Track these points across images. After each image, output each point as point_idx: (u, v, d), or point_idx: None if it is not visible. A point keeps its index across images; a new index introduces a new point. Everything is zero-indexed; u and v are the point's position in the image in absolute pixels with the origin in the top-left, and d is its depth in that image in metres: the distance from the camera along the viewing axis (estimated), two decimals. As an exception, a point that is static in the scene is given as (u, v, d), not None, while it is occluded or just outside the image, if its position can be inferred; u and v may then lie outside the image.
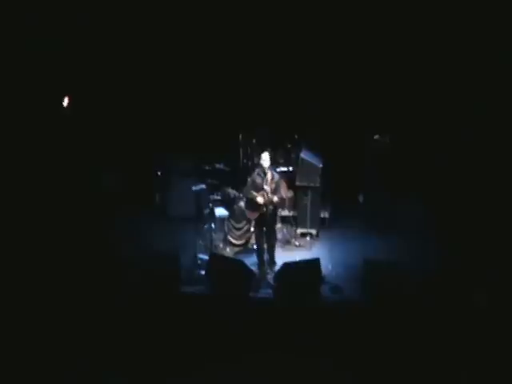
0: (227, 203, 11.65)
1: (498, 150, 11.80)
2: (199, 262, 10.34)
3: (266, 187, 10.07)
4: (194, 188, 11.36)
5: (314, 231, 11.85)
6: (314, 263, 9.61)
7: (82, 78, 12.91)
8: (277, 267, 10.10)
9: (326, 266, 10.08)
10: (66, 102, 12.76)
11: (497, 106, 11.91)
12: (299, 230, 11.87)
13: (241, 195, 11.44)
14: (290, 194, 11.65)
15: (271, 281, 9.87)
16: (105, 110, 13.20)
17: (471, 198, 11.65)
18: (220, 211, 11.33)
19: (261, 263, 10.38)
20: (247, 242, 11.25)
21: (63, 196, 11.93)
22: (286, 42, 13.05)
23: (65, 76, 12.71)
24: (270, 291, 9.62)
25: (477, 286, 9.10)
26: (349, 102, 13.17)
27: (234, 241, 11.23)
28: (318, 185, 11.71)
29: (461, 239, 10.91)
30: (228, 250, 11.18)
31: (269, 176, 10.14)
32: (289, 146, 12.83)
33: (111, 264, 9.95)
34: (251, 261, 10.42)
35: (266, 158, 10.17)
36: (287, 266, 9.60)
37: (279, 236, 11.28)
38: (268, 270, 10.26)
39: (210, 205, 11.36)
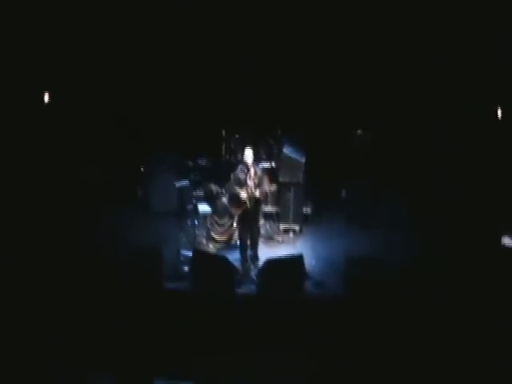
0: (210, 199, 11.61)
1: (484, 145, 11.94)
2: (182, 258, 10.29)
3: (249, 183, 10.06)
4: (177, 184, 11.35)
5: (296, 227, 11.86)
6: (298, 259, 9.62)
7: (65, 71, 12.85)
8: (260, 263, 10.09)
9: (309, 262, 10.10)
10: (46, 97, 12.69)
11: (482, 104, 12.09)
12: (282, 226, 11.87)
13: (223, 191, 11.42)
14: (273, 187, 11.60)
15: (254, 277, 9.87)
16: (88, 103, 13.13)
17: (456, 193, 11.76)
18: (203, 207, 11.28)
19: (244, 259, 10.35)
20: (230, 238, 11.21)
21: (44, 190, 11.84)
22: (270, 37, 13.06)
23: (47, 70, 12.64)
24: (253, 287, 9.63)
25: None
26: (332, 98, 13.21)
27: (216, 237, 11.19)
28: (300, 181, 11.73)
29: (443, 235, 11.01)
30: (211, 246, 11.14)
31: (252, 172, 10.14)
32: (271, 141, 12.82)
33: (94, 260, 9.89)
34: (234, 257, 10.39)
35: (249, 154, 10.18)
36: (270, 262, 9.61)
37: (262, 232, 11.26)
38: (251, 266, 10.24)
39: (193, 201, 11.33)
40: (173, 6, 12.97)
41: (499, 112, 12.00)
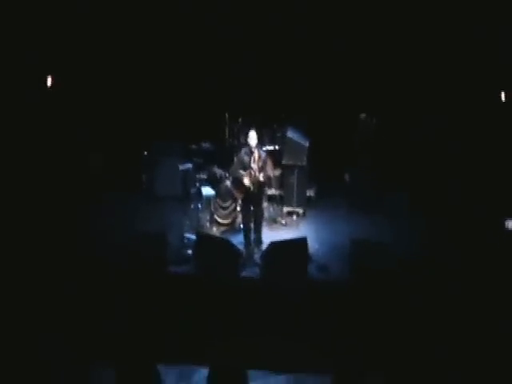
0: (214, 182, 11.60)
1: (485, 131, 11.95)
2: (186, 241, 10.32)
3: (253, 166, 10.04)
4: (180, 167, 11.34)
5: (300, 210, 11.87)
6: (301, 242, 9.60)
7: (69, 58, 12.84)
8: (264, 246, 10.10)
9: (312, 245, 10.10)
10: (49, 81, 12.66)
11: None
12: (286, 209, 11.88)
13: (227, 174, 11.43)
14: (277, 172, 11.68)
15: (258, 260, 9.88)
16: (90, 90, 13.12)
17: (457, 179, 11.77)
18: (207, 190, 11.28)
19: (247, 242, 10.37)
20: (234, 221, 11.23)
21: (48, 177, 11.86)
22: (272, 22, 13.02)
23: (51, 56, 12.62)
24: (257, 270, 9.64)
25: None
26: (336, 81, 13.19)
27: (220, 220, 11.21)
28: (304, 164, 11.70)
29: (446, 219, 11.03)
30: (215, 229, 11.15)
31: (256, 155, 10.11)
32: (275, 124, 12.79)
33: (98, 245, 9.91)
34: (238, 240, 10.40)
35: (253, 137, 10.11)
36: (274, 245, 9.57)
37: (266, 215, 11.25)
38: (255, 249, 10.26)
39: (197, 184, 11.34)
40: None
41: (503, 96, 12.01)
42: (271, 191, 12.03)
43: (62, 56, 12.84)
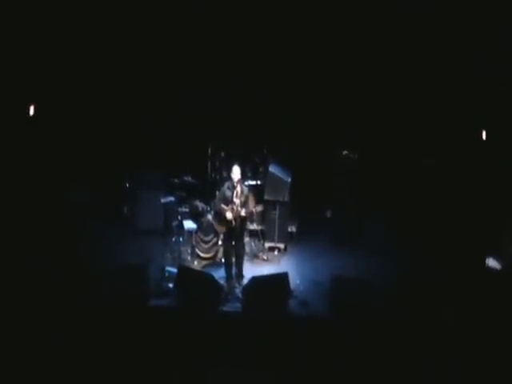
0: (195, 216, 11.60)
1: (470, 168, 12.13)
2: (167, 274, 10.26)
3: (235, 200, 10.08)
4: (162, 200, 11.35)
5: (282, 245, 11.87)
6: (282, 277, 9.64)
7: (50, 88, 12.85)
8: (245, 281, 10.09)
9: (293, 281, 10.09)
10: (31, 110, 12.64)
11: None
12: (267, 244, 11.87)
13: (209, 208, 11.45)
14: (259, 208, 11.72)
15: (239, 294, 9.85)
16: (73, 121, 13.12)
17: (437, 212, 11.89)
18: (188, 224, 11.28)
19: (229, 277, 10.36)
20: (215, 255, 11.21)
21: (31, 208, 11.80)
22: (255, 56, 13.15)
23: (31, 87, 12.63)
24: (238, 305, 9.60)
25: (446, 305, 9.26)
26: (318, 118, 13.32)
27: (201, 254, 11.18)
28: (286, 199, 11.73)
29: (428, 253, 11.12)
30: (196, 263, 11.12)
31: (238, 189, 10.16)
32: (257, 159, 12.87)
33: (79, 277, 9.85)
34: (219, 274, 10.38)
35: (236, 172, 10.19)
36: (255, 279, 9.60)
37: (247, 250, 11.26)
38: (236, 284, 10.24)
39: (179, 217, 11.33)
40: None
41: (484, 135, 12.18)
42: (253, 226, 12.01)
43: (44, 87, 12.84)
